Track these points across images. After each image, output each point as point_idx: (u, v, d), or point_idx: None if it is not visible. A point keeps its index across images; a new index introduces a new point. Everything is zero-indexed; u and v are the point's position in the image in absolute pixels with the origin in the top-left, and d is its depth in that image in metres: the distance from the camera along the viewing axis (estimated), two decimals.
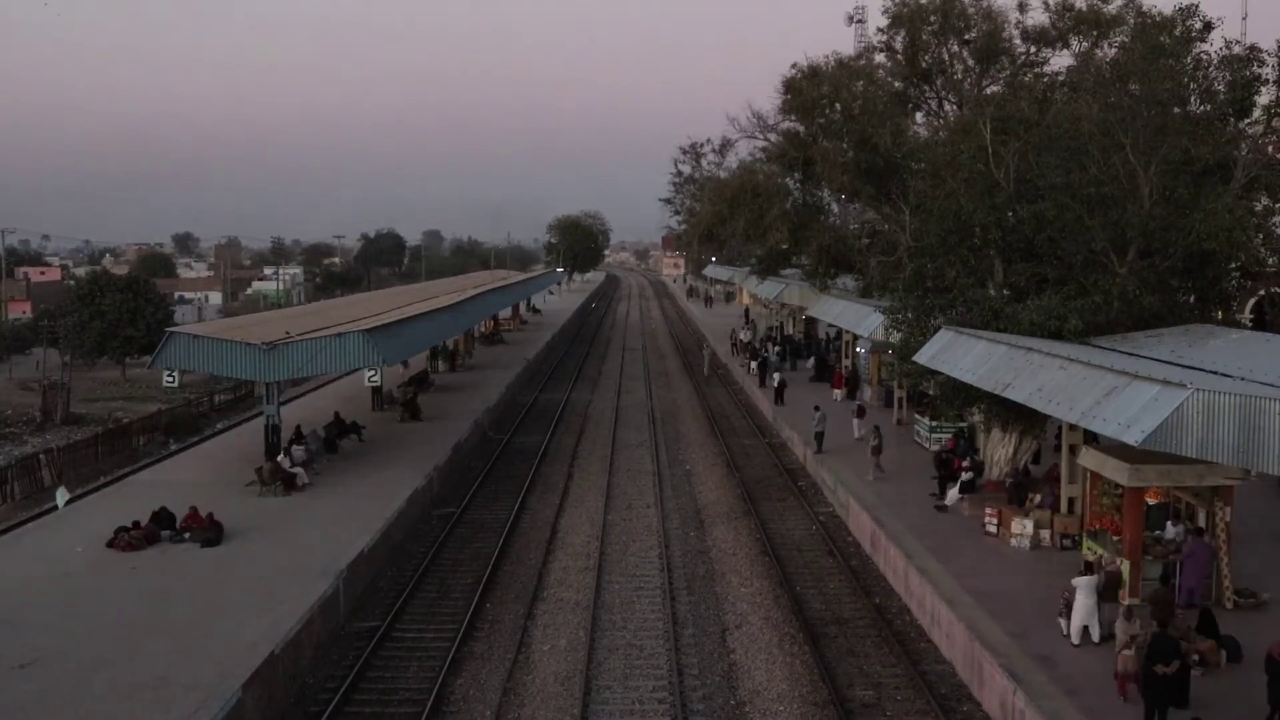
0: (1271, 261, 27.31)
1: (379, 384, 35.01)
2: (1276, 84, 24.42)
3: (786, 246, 51.14)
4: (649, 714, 17.14)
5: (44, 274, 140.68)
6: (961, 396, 26.03)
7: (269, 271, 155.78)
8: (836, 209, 53.44)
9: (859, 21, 77.16)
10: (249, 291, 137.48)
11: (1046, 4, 38.96)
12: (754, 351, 56.69)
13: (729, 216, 52.13)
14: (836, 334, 53.30)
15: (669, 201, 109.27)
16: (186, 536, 23.93)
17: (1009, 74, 39.25)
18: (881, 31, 41.62)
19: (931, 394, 30.93)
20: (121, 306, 64.97)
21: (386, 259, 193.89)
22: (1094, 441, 22.02)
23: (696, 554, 25.83)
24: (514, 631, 20.69)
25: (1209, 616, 17.43)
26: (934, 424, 33.36)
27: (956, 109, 40.24)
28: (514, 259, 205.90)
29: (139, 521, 24.13)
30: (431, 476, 30.95)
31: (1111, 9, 37.71)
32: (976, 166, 27.75)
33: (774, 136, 49.52)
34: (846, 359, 47.90)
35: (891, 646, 19.77)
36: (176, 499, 25.57)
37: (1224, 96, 25.02)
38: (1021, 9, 39.70)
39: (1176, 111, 25.13)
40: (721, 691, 18.00)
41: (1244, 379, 17.61)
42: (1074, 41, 38.68)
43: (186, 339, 30.14)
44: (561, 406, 48.35)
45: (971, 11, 40.27)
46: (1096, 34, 37.56)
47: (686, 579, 23.89)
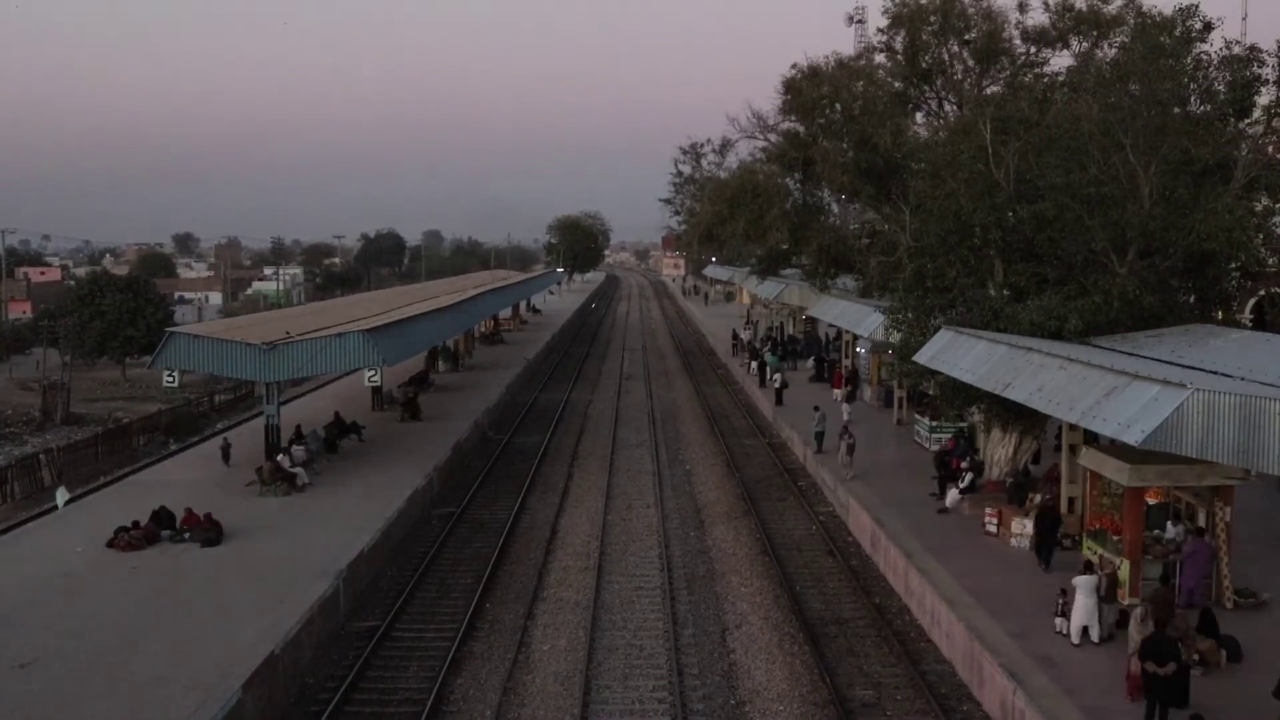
0: (1271, 261, 27.30)
1: (379, 384, 35.03)
2: (1276, 84, 24.41)
3: (786, 246, 51.15)
4: (649, 714, 17.14)
5: (44, 274, 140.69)
6: (961, 396, 26.03)
7: (269, 271, 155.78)
8: (836, 209, 53.45)
9: (859, 22, 77.15)
10: (249, 291, 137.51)
11: (1046, 4, 38.99)
12: (754, 351, 56.71)
13: (729, 216, 52.14)
14: (836, 334, 53.31)
15: (669, 202, 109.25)
16: (186, 536, 23.94)
17: (1009, 74, 39.26)
18: (881, 32, 41.68)
19: (931, 394, 30.94)
20: (121, 306, 65.01)
21: (386, 259, 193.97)
22: (1095, 441, 22.01)
23: (696, 554, 25.83)
24: (514, 631, 20.69)
25: (1209, 616, 17.43)
26: (934, 424, 33.37)
27: (956, 109, 40.24)
28: (514, 259, 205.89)
29: (139, 521, 24.14)
30: (431, 476, 30.96)
31: (1111, 9, 37.74)
32: (976, 166, 27.75)
33: (774, 136, 49.57)
34: (847, 359, 47.90)
35: (891, 646, 19.78)
36: (176, 499, 25.59)
37: (1224, 97, 25.02)
38: (1021, 9, 39.76)
39: (1176, 111, 25.13)
40: (721, 691, 18.00)
41: (1244, 379, 17.60)
42: (1074, 42, 38.70)
43: (186, 339, 30.16)
44: (561, 406, 48.36)
45: (971, 12, 40.29)
46: (1096, 34, 37.58)
47: (686, 579, 23.90)
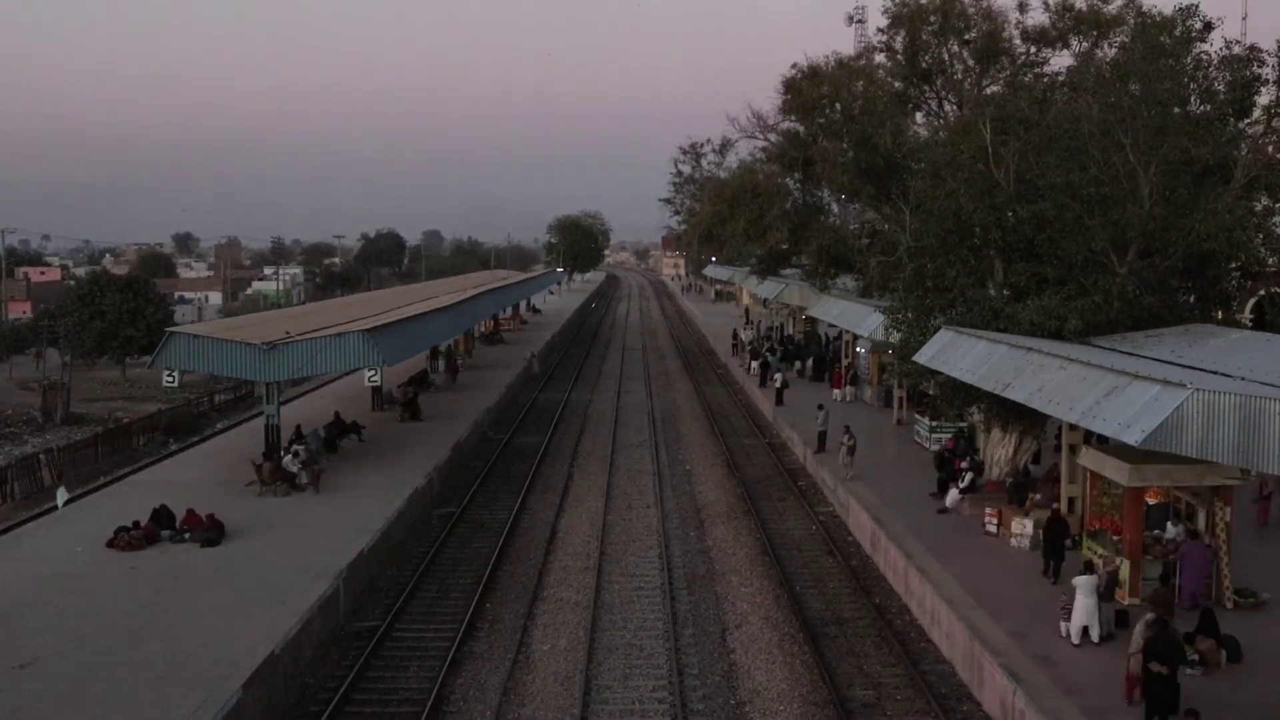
0: (1271, 261, 27.29)
1: (379, 384, 35.03)
2: (1276, 84, 24.41)
3: (786, 246, 51.19)
4: (649, 714, 17.14)
5: (44, 274, 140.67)
6: (961, 396, 26.03)
7: (269, 271, 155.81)
8: (836, 209, 53.48)
9: (859, 22, 77.28)
10: (249, 291, 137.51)
11: (1046, 4, 39.01)
12: (754, 351, 56.70)
13: (729, 216, 52.19)
14: (837, 334, 53.29)
15: (669, 201, 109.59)
16: (186, 536, 23.94)
17: (1009, 74, 39.26)
18: (881, 32, 41.70)
19: (931, 394, 30.93)
20: (121, 306, 65.01)
21: (386, 259, 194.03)
22: (1097, 442, 22.00)
23: (696, 554, 25.83)
24: (514, 631, 20.69)
25: (1209, 616, 17.41)
26: (934, 424, 33.37)
27: (956, 109, 40.25)
28: (514, 259, 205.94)
29: (139, 521, 24.14)
30: (431, 476, 30.95)
31: (1111, 9, 37.76)
32: (976, 166, 27.75)
33: (774, 136, 49.64)
34: (846, 359, 47.90)
35: (891, 646, 19.77)
36: (176, 499, 25.59)
37: (1224, 96, 25.02)
38: (1021, 9, 39.78)
39: (1176, 111, 25.12)
40: (721, 691, 18.00)
41: (1244, 379, 17.61)
42: (1074, 41, 38.71)
43: (186, 339, 30.14)
44: (561, 406, 48.35)
45: (971, 12, 40.31)
46: (1096, 34, 37.59)
47: (686, 579, 23.89)
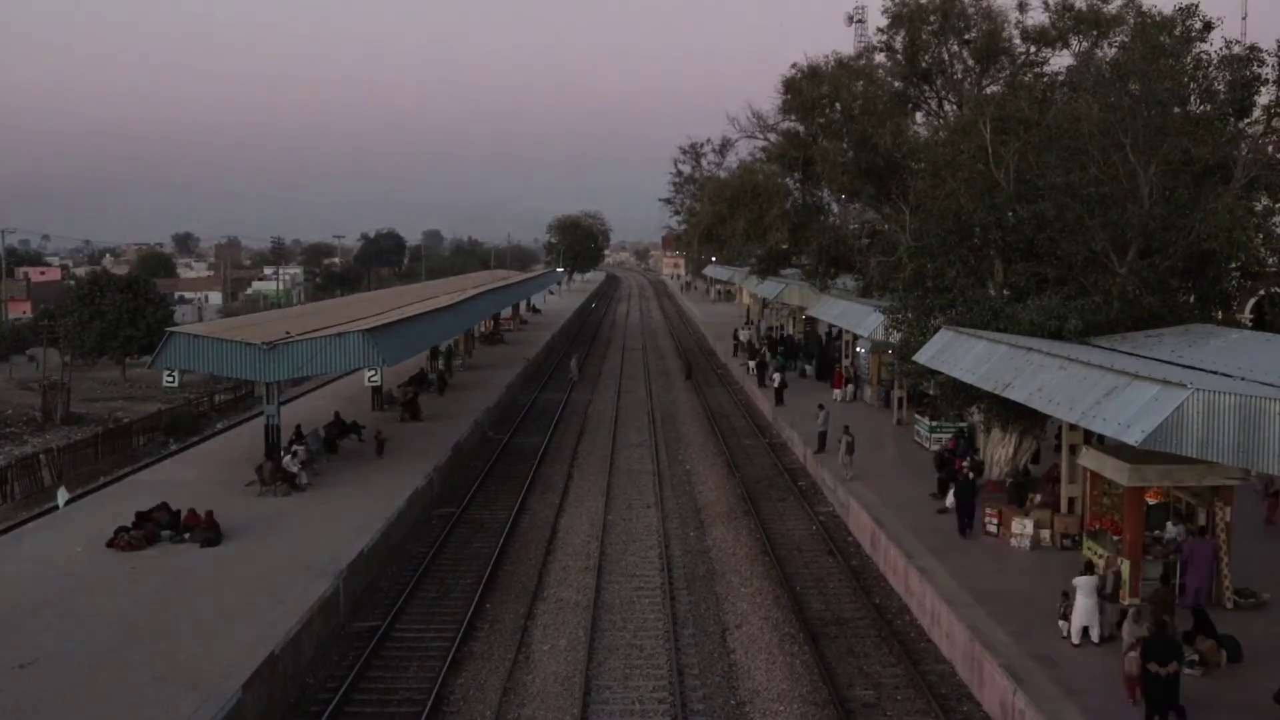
0: (1271, 261, 27.28)
1: (379, 384, 35.03)
2: (1276, 84, 24.40)
3: (786, 246, 51.15)
4: (649, 714, 17.14)
5: (44, 274, 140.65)
6: (961, 396, 26.02)
7: (269, 271, 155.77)
8: (836, 209, 53.44)
9: (859, 21, 77.13)
10: (249, 291, 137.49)
11: (1046, 4, 38.96)
12: (754, 351, 56.68)
13: (729, 216, 52.17)
14: (836, 334, 53.26)
15: (669, 201, 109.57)
16: (186, 536, 23.94)
17: (1009, 74, 39.24)
18: (881, 31, 41.68)
19: (931, 394, 30.92)
20: (121, 306, 64.97)
21: (386, 259, 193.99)
22: (1097, 442, 21.99)
23: (696, 554, 25.83)
24: (514, 631, 20.69)
25: (1203, 616, 17.38)
26: (934, 424, 33.37)
27: (956, 109, 40.23)
28: (514, 259, 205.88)
29: (139, 521, 24.12)
30: (431, 476, 30.95)
31: (1111, 9, 37.72)
32: (976, 166, 27.74)
33: (774, 136, 49.61)
34: (846, 359, 47.90)
35: (891, 646, 19.77)
36: (177, 499, 25.59)
37: (1224, 96, 25.00)
38: (1021, 9, 39.74)
39: (1176, 111, 25.11)
40: (721, 691, 17.99)
41: (1244, 379, 17.59)
42: (1074, 41, 38.67)
43: (186, 339, 30.13)
44: (561, 407, 48.35)
45: (971, 11, 40.29)
46: (1096, 34, 37.54)
47: (686, 579, 23.89)
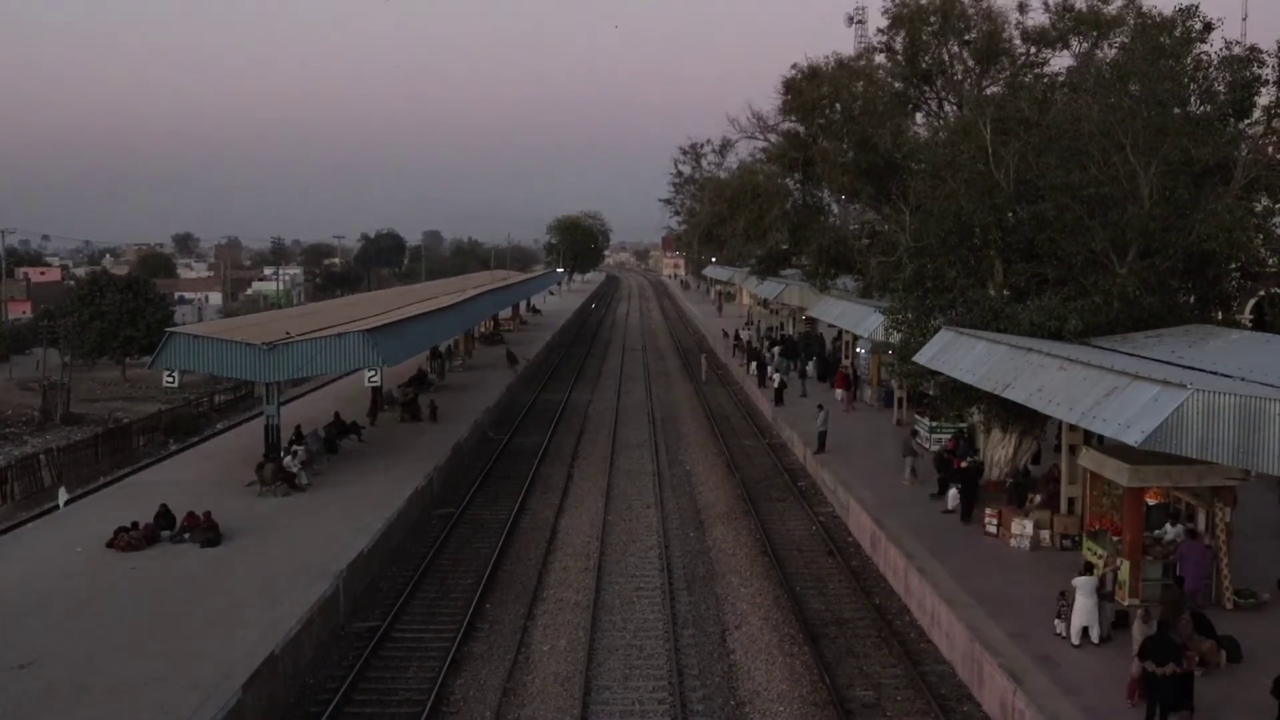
0: (1272, 262, 27.30)
1: (379, 384, 35.02)
2: (1276, 84, 24.42)
3: (786, 247, 51.16)
4: (649, 714, 17.14)
5: (44, 274, 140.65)
6: (961, 397, 26.02)
7: (269, 271, 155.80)
8: (836, 209, 53.44)
9: (859, 22, 77.22)
10: (249, 292, 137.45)
11: (1047, 5, 39.01)
12: (753, 352, 56.65)
13: (729, 217, 52.21)
14: (836, 335, 53.24)
15: (669, 202, 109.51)
16: (186, 537, 23.94)
17: (1009, 74, 39.25)
18: (881, 32, 41.69)
19: (931, 394, 30.92)
20: (121, 307, 64.99)
21: (386, 259, 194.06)
22: (1097, 442, 21.99)
23: (696, 554, 25.83)
24: (514, 632, 20.69)
25: (1202, 618, 17.36)
26: (934, 424, 33.37)
27: (956, 109, 40.25)
28: (514, 259, 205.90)
29: (139, 521, 24.14)
30: (431, 477, 30.95)
31: (1111, 10, 37.75)
32: (976, 167, 27.75)
33: (774, 137, 49.60)
34: (846, 359, 47.89)
35: (891, 647, 19.77)
36: (177, 499, 25.59)
37: (1224, 97, 25.02)
38: (1021, 10, 39.78)
39: (1176, 112, 25.12)
40: (721, 692, 18.00)
41: (1244, 379, 17.60)
42: (1074, 42, 38.71)
43: (186, 339, 30.13)
44: (561, 407, 48.34)
45: (971, 12, 40.30)
46: (1096, 35, 37.58)
47: (686, 579, 23.89)
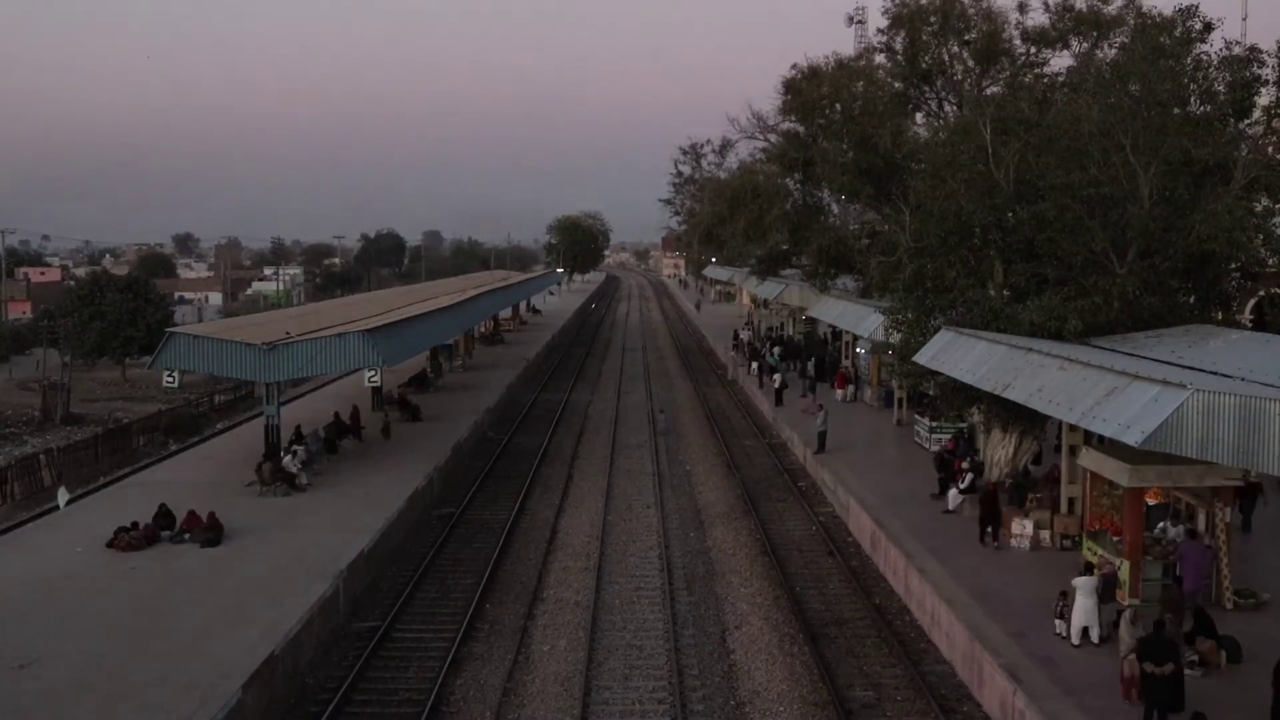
0: (1272, 262, 27.30)
1: (379, 384, 35.03)
2: (1276, 84, 24.42)
3: (786, 247, 51.18)
4: (649, 714, 17.14)
5: (44, 274, 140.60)
6: (961, 397, 26.01)
7: (269, 272, 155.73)
8: (836, 209, 53.47)
9: (859, 22, 77.17)
10: (249, 292, 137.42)
11: (1046, 5, 39.05)
12: (753, 352, 56.65)
13: (729, 217, 52.23)
14: (835, 335, 53.24)
15: (669, 202, 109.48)
16: (186, 537, 23.94)
17: (1009, 74, 39.29)
18: (881, 32, 41.75)
19: (931, 394, 30.92)
20: (122, 307, 64.94)
21: (386, 259, 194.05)
22: (1097, 442, 21.98)
23: (696, 554, 25.83)
24: (514, 632, 20.69)
25: (1204, 617, 17.38)
26: (934, 424, 33.37)
27: (956, 109, 40.29)
28: (514, 259, 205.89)
29: (139, 522, 24.14)
30: (431, 477, 30.95)
31: (1111, 10, 37.81)
32: (976, 167, 27.75)
33: (774, 137, 49.65)
34: (846, 359, 47.90)
35: (891, 647, 19.77)
36: (176, 499, 25.58)
37: (1224, 97, 25.02)
38: (1021, 10, 39.86)
39: (1176, 112, 25.13)
40: (721, 692, 18.00)
41: (1244, 379, 17.60)
42: (1074, 42, 38.77)
43: (186, 339, 30.13)
44: (561, 407, 48.34)
45: (971, 12, 40.35)
46: (1096, 35, 37.64)
47: (686, 579, 23.89)
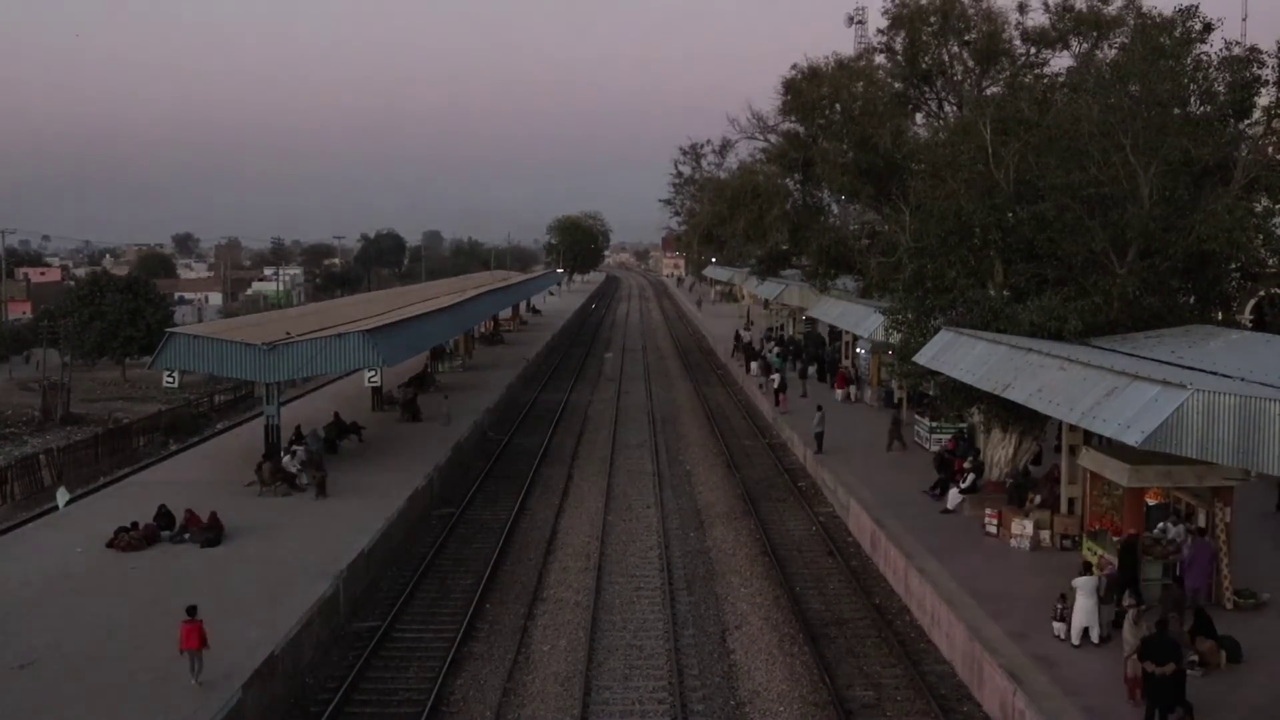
0: (1271, 262, 27.32)
1: (379, 384, 35.04)
2: (1276, 85, 24.44)
3: (786, 247, 51.17)
4: (649, 714, 17.14)
5: (44, 274, 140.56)
6: (961, 397, 26.01)
7: (269, 272, 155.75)
8: (836, 210, 53.45)
9: (859, 23, 76.96)
10: (249, 292, 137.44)
11: (1046, 5, 39.04)
12: (752, 352, 56.64)
13: (729, 217, 52.17)
14: (835, 335, 53.24)
15: (669, 202, 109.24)
16: (186, 537, 23.94)
17: (1009, 75, 39.26)
18: (881, 32, 41.73)
19: (931, 394, 30.93)
20: (122, 307, 64.99)
21: (386, 259, 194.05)
22: (1097, 442, 21.99)
23: (696, 554, 25.82)
24: (514, 632, 20.68)
25: (1204, 617, 17.38)
26: (934, 424, 33.37)
27: (956, 110, 40.27)
28: (514, 259, 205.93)
29: (139, 522, 24.15)
30: (431, 477, 30.94)
31: (1111, 10, 37.79)
32: (976, 167, 27.76)
33: (774, 137, 49.60)
34: (846, 359, 47.91)
35: (892, 647, 19.77)
36: (176, 499, 25.58)
37: (1224, 97, 25.05)
38: (1021, 10, 39.84)
39: (1176, 112, 25.15)
40: (721, 692, 18.00)
41: (1244, 379, 17.60)
42: (1074, 42, 38.75)
43: (186, 339, 30.14)
44: (561, 407, 48.34)
45: (971, 13, 40.34)
46: (1096, 35, 37.63)
47: (686, 579, 23.89)
